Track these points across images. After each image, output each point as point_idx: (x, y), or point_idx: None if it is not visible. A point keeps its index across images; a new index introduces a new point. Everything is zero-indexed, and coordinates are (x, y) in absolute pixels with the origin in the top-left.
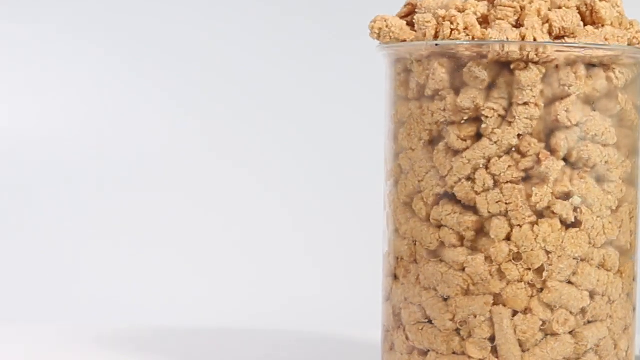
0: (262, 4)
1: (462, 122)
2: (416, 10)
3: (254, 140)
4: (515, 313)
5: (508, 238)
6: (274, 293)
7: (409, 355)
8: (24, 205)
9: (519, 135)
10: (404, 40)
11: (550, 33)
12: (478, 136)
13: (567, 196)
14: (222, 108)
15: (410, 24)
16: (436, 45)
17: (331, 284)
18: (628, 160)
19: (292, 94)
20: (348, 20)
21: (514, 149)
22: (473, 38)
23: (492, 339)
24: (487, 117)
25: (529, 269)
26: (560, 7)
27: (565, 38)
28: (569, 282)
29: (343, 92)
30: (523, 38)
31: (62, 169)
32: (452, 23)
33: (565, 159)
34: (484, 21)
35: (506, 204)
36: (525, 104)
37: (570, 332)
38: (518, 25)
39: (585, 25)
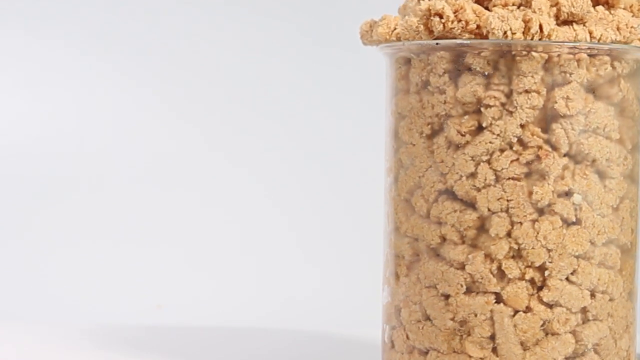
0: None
1: (463, 119)
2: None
3: (252, 139)
4: (515, 312)
5: (508, 235)
6: (273, 292)
7: (409, 355)
8: (21, 205)
9: (521, 126)
10: (395, 28)
11: (557, 17)
12: (479, 129)
13: (567, 194)
14: (221, 106)
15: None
16: (437, 44)
17: (331, 283)
18: (630, 156)
19: (290, 90)
20: (346, 18)
21: (516, 141)
22: (467, 23)
23: (492, 337)
24: (489, 106)
25: (530, 267)
26: None
27: (574, 24)
28: (570, 281)
29: (342, 89)
30: (527, 23)
31: (56, 168)
32: (440, 17)
33: (566, 154)
34: None
35: (507, 200)
36: (526, 91)
37: (570, 331)
38: (524, 2)
39: (597, 4)
